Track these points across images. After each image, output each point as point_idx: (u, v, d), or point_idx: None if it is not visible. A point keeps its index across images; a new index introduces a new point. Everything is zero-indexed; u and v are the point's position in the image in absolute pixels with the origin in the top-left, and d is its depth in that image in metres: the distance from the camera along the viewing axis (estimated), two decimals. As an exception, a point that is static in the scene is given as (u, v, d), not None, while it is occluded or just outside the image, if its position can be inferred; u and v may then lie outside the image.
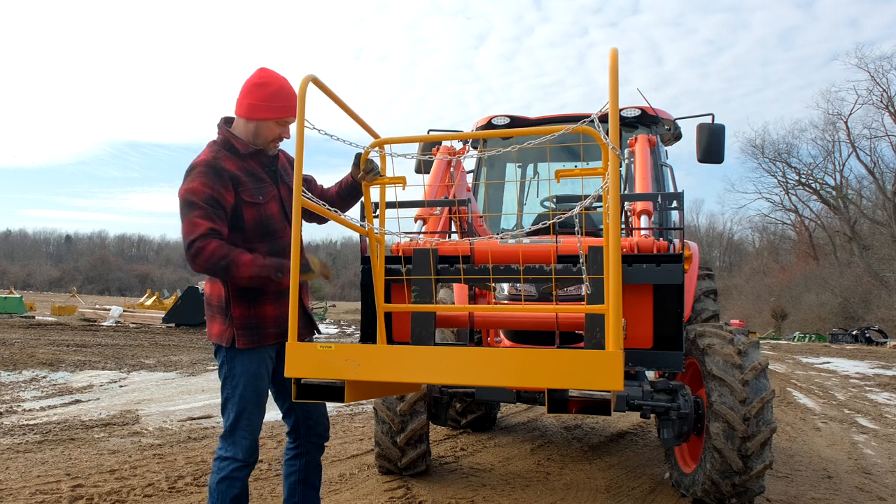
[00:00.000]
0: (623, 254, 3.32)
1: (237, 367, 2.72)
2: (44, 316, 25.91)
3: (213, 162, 2.70)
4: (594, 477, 4.93)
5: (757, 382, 3.70)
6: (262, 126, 2.78)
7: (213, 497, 2.68)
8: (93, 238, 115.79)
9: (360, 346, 2.18)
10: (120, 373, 10.48)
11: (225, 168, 2.70)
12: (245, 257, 2.62)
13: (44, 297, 48.73)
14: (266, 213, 2.79)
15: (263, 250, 2.76)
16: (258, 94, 2.77)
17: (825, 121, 52.92)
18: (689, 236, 6.15)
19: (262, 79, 2.79)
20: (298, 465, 3.00)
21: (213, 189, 2.64)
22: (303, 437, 3.00)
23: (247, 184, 2.75)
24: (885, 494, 4.76)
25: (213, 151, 2.76)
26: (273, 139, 2.82)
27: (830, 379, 14.45)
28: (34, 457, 4.95)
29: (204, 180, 2.65)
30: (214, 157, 2.72)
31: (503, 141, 6.19)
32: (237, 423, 2.70)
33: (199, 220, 2.59)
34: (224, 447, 2.71)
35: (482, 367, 2.05)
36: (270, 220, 2.81)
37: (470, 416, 6.43)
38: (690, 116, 5.56)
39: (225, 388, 2.76)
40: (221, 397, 2.78)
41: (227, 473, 2.67)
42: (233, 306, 2.72)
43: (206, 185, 2.64)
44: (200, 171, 2.67)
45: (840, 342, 34.62)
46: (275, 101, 2.76)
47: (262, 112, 2.76)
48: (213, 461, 2.74)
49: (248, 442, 2.71)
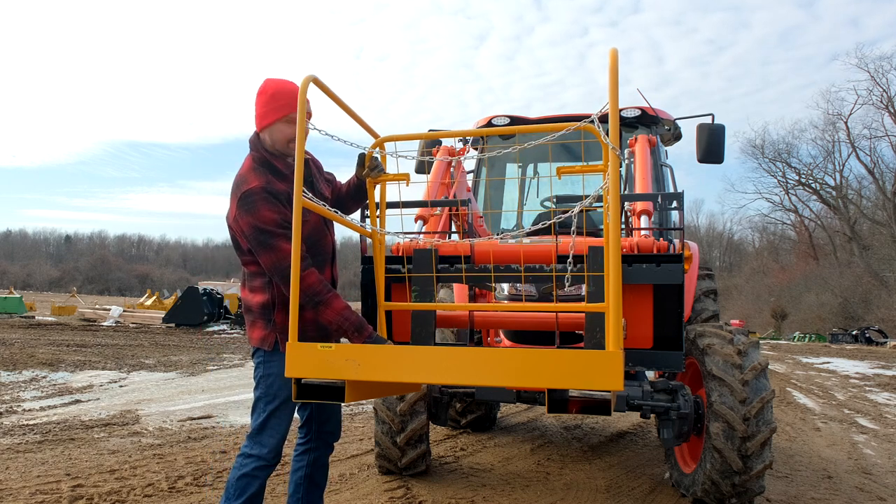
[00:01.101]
0: (623, 254, 3.33)
1: (273, 367, 2.76)
2: (44, 316, 25.91)
3: (268, 187, 2.72)
4: (594, 477, 4.93)
5: (757, 382, 3.70)
6: (274, 131, 2.81)
7: (229, 492, 2.70)
8: (93, 238, 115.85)
9: (360, 346, 2.18)
10: (120, 373, 10.48)
11: (280, 192, 2.73)
12: (337, 304, 2.70)
13: (44, 297, 48.73)
14: (312, 227, 2.85)
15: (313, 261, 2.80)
16: (260, 102, 2.84)
17: (825, 121, 52.98)
18: (689, 236, 6.15)
19: (262, 87, 2.86)
20: (306, 461, 3.03)
21: (281, 213, 2.68)
22: (314, 431, 3.03)
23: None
24: (885, 494, 4.76)
25: (259, 174, 2.76)
26: (289, 140, 2.83)
27: (830, 379, 14.45)
28: (34, 457, 4.95)
29: (270, 207, 2.68)
30: (267, 181, 2.74)
31: (503, 141, 6.19)
32: (267, 422, 2.74)
33: (286, 246, 2.63)
34: (250, 445, 2.75)
35: (482, 367, 2.05)
36: (315, 232, 2.88)
37: (470, 416, 6.43)
38: (690, 116, 5.56)
39: (258, 387, 2.80)
40: (254, 396, 2.82)
41: (249, 471, 2.70)
42: (276, 312, 2.78)
43: (275, 210, 2.68)
44: (263, 198, 2.69)
45: (840, 342, 34.61)
46: (275, 102, 2.80)
47: (267, 117, 2.81)
48: (237, 457, 2.77)
49: (275, 442, 2.75)
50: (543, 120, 5.94)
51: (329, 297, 2.69)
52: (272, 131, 2.82)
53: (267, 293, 2.81)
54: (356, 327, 2.71)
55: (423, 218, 4.28)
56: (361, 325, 2.72)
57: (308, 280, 2.64)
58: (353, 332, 2.71)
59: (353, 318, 2.72)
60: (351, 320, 2.71)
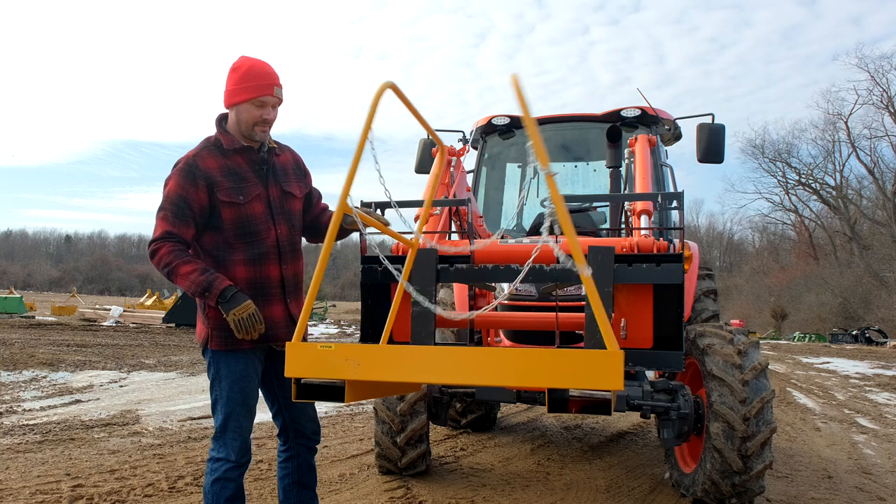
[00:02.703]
0: (623, 254, 3.33)
1: (222, 369, 2.71)
2: (44, 316, 25.91)
3: (191, 161, 2.70)
4: (594, 477, 4.93)
5: (757, 382, 3.70)
6: (241, 110, 2.73)
7: (207, 499, 2.67)
8: (93, 238, 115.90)
9: (360, 346, 2.18)
10: (120, 373, 10.48)
11: (200, 168, 2.68)
12: (184, 269, 2.59)
13: (44, 297, 48.73)
14: (247, 213, 2.73)
15: (244, 251, 2.72)
16: (231, 78, 2.74)
17: (825, 121, 52.88)
18: (689, 236, 6.16)
19: (235, 63, 2.76)
20: (291, 467, 2.97)
21: (184, 189, 2.66)
22: (292, 439, 2.97)
23: (223, 183, 2.70)
24: (885, 494, 4.76)
25: (197, 149, 2.77)
26: (255, 123, 2.73)
27: (830, 379, 14.45)
28: (34, 457, 4.95)
29: (177, 180, 2.68)
30: (195, 155, 2.73)
31: (503, 141, 6.19)
32: (226, 424, 2.70)
33: (160, 222, 2.66)
34: (216, 448, 2.71)
35: (482, 367, 2.04)
36: (252, 221, 2.74)
37: (470, 416, 6.42)
38: (690, 116, 5.57)
39: (213, 390, 2.76)
40: (210, 399, 2.78)
41: (221, 475, 2.66)
42: (208, 307, 2.70)
43: (178, 185, 2.67)
44: (176, 171, 2.70)
45: (840, 342, 34.61)
46: (246, 82, 2.70)
47: (236, 96, 2.72)
48: (207, 462, 2.74)
49: (239, 443, 2.70)
50: (543, 120, 5.94)
51: (176, 264, 2.58)
52: (239, 110, 2.73)
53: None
54: (204, 287, 2.56)
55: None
56: (209, 284, 2.57)
57: (158, 253, 2.61)
58: (203, 292, 2.57)
59: (199, 280, 2.57)
60: (197, 282, 2.56)
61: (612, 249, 3.11)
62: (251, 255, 2.74)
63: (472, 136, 6.12)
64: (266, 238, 2.78)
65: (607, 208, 5.21)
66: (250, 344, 2.70)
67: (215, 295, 2.58)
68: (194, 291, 2.60)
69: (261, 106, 2.71)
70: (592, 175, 6.35)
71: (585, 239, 3.75)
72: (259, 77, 2.71)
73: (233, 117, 2.77)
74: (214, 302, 2.59)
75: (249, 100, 2.70)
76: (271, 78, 2.73)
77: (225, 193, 2.69)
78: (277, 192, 2.84)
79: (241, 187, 2.74)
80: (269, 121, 2.77)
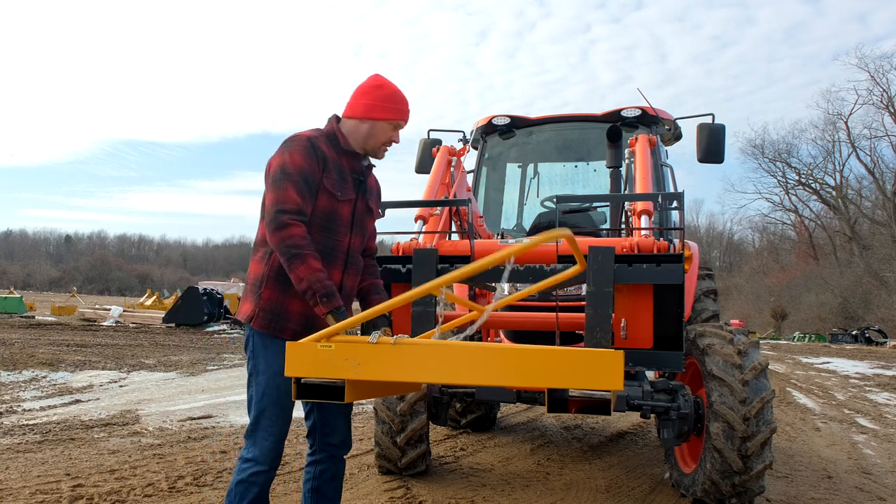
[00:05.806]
0: (623, 254, 3.33)
1: (261, 363, 2.66)
2: (44, 316, 25.90)
3: (312, 139, 2.70)
4: (594, 477, 4.93)
5: (757, 382, 3.70)
6: (378, 126, 2.78)
7: (229, 497, 2.63)
8: (93, 238, 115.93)
9: (360, 346, 2.18)
10: (120, 373, 10.48)
11: (320, 148, 2.69)
12: (315, 263, 2.54)
13: (44, 297, 48.73)
14: (337, 210, 2.75)
15: (318, 244, 2.68)
16: (375, 94, 2.79)
17: (825, 121, 53.01)
18: (690, 236, 6.16)
19: (379, 81, 2.83)
20: (313, 472, 2.89)
21: (308, 164, 2.63)
22: (318, 442, 2.89)
23: (332, 173, 2.72)
24: (885, 494, 4.76)
25: (312, 132, 2.77)
26: (385, 142, 2.82)
27: (830, 379, 14.45)
28: (34, 457, 4.95)
29: (303, 155, 2.64)
30: (313, 137, 2.73)
31: (504, 141, 6.19)
32: (258, 422, 2.64)
33: (293, 194, 2.57)
34: (247, 447, 2.66)
35: (482, 367, 2.05)
36: (338, 219, 2.76)
37: (470, 416, 6.43)
38: (690, 116, 5.57)
39: (250, 384, 2.71)
40: (246, 396, 2.74)
41: (246, 476, 2.61)
42: (265, 287, 2.68)
43: (304, 159, 2.63)
44: (301, 145, 2.66)
45: (840, 342, 34.63)
46: (391, 103, 2.78)
47: (378, 112, 2.77)
48: (238, 460, 2.68)
49: (270, 444, 2.63)
50: (544, 120, 5.94)
51: (307, 254, 2.52)
52: (375, 125, 2.78)
53: (263, 265, 2.70)
54: (326, 293, 2.52)
55: (422, 218, 4.28)
56: (332, 293, 2.54)
57: (291, 230, 2.52)
58: (322, 297, 2.52)
59: (325, 283, 2.53)
60: (323, 284, 2.53)
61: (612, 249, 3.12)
62: (323, 250, 2.71)
63: (473, 136, 6.12)
64: (341, 242, 2.80)
65: (607, 208, 5.21)
66: (291, 334, 2.65)
67: (333, 306, 2.55)
68: (314, 291, 2.54)
69: (395, 128, 2.83)
70: (593, 175, 6.35)
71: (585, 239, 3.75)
72: (402, 102, 2.82)
73: (358, 127, 2.80)
74: (326, 311, 2.56)
75: (390, 120, 2.79)
76: (407, 106, 2.85)
77: (330, 182, 2.71)
78: (363, 206, 2.87)
79: (342, 185, 2.77)
80: (395, 143, 2.89)
